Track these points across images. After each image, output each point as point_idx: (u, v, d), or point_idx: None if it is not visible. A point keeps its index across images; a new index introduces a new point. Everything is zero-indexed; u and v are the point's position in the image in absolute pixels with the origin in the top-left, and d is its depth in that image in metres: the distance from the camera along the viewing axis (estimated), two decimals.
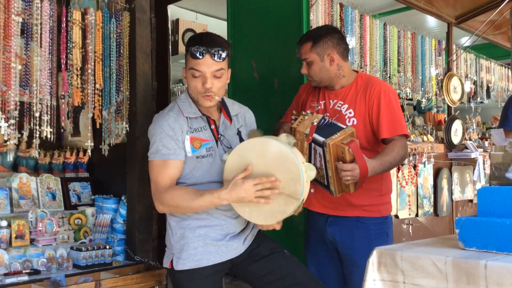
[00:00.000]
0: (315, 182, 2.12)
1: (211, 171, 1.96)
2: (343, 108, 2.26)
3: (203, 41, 1.88)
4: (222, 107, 2.05)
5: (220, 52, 1.88)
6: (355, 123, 2.22)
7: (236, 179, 1.77)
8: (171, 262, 1.99)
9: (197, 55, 1.86)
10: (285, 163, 1.77)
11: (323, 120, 2.07)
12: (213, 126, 1.99)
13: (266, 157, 1.79)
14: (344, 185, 2.02)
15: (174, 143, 1.91)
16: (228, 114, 2.04)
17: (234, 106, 2.11)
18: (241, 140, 2.05)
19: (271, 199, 1.78)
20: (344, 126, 2.06)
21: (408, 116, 4.89)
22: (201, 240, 1.95)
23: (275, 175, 1.77)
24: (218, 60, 1.88)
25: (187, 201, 1.85)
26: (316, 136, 2.04)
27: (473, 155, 4.23)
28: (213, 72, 1.89)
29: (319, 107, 2.32)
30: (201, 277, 1.95)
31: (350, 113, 2.24)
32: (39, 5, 2.15)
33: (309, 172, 1.81)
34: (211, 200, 1.81)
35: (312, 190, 2.27)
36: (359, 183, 1.99)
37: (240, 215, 1.89)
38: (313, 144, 2.05)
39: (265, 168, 1.78)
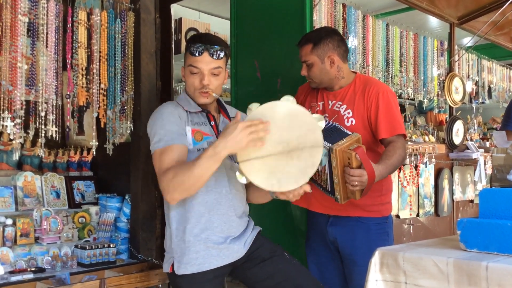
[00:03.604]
0: (318, 187, 2.11)
1: None
2: (342, 108, 2.27)
3: (202, 40, 1.93)
4: (221, 108, 2.07)
5: (218, 50, 1.92)
6: (353, 123, 2.23)
7: (227, 124, 1.73)
8: (172, 266, 1.96)
9: (196, 52, 1.90)
10: (297, 118, 1.72)
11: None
12: (212, 122, 2.00)
13: (277, 120, 1.71)
14: (349, 192, 2.01)
15: (176, 127, 1.89)
16: (227, 115, 2.06)
17: (232, 110, 2.13)
18: None
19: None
20: (350, 132, 2.04)
21: (409, 116, 4.90)
22: (202, 244, 1.92)
23: (293, 134, 1.70)
24: (216, 58, 1.92)
25: (187, 170, 1.74)
26: None
27: (474, 156, 4.23)
28: (211, 70, 1.92)
29: (318, 108, 2.34)
30: (203, 281, 1.92)
31: (348, 113, 2.26)
32: (45, 5, 2.17)
33: (321, 122, 1.75)
34: (209, 155, 1.70)
35: (310, 191, 2.28)
36: (365, 190, 1.98)
37: (270, 191, 1.80)
38: None
39: (280, 131, 1.71)
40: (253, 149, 1.71)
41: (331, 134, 2.04)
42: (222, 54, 1.93)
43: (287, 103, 1.72)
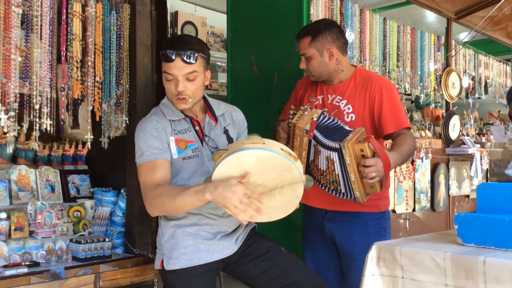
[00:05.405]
0: (323, 188, 2.08)
1: (199, 172, 1.95)
2: (342, 103, 2.26)
3: (174, 44, 1.87)
4: (207, 107, 2.05)
5: (191, 55, 1.85)
6: (353, 119, 2.22)
7: (231, 179, 1.65)
8: (162, 262, 1.96)
9: (168, 58, 1.85)
10: (268, 162, 1.68)
11: (322, 116, 2.07)
12: (197, 127, 1.98)
13: (248, 169, 1.67)
14: (368, 186, 1.96)
15: (158, 143, 1.90)
16: (213, 114, 2.03)
17: (220, 106, 2.09)
18: (229, 138, 2.04)
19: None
20: (351, 129, 2.01)
21: (406, 111, 4.90)
22: (191, 239, 1.93)
23: (268, 177, 1.69)
24: (190, 62, 1.86)
25: (172, 197, 1.76)
26: (323, 139, 2.00)
27: (470, 151, 4.24)
28: (185, 75, 1.87)
29: (317, 102, 2.32)
30: (192, 276, 1.92)
31: (348, 108, 2.24)
32: None
33: (293, 154, 1.75)
34: (196, 193, 1.69)
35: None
36: (384, 180, 1.94)
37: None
38: (313, 141, 2.04)
39: (254, 177, 1.69)
40: None
41: (333, 133, 2.01)
42: (195, 58, 1.86)
43: (249, 150, 1.66)
